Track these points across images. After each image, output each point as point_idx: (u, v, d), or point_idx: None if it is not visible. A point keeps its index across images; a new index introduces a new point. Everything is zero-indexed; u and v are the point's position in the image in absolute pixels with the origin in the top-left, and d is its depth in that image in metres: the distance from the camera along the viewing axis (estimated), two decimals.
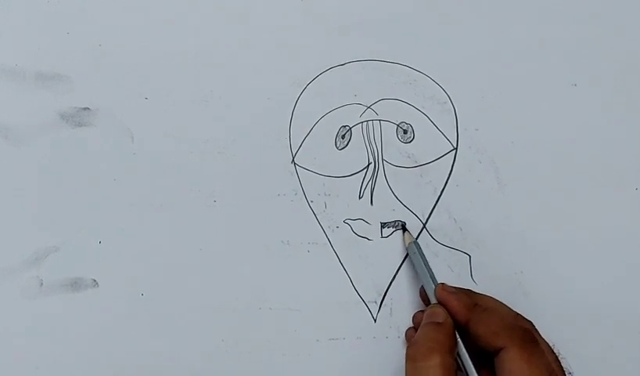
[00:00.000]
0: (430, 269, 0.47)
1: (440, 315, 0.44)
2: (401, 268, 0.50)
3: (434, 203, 0.50)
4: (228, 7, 0.50)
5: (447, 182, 0.50)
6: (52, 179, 0.49)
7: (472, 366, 0.43)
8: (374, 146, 0.50)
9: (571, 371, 0.49)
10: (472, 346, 0.43)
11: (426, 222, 0.50)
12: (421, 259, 0.48)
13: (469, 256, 0.50)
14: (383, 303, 0.50)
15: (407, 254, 0.50)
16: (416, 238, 0.50)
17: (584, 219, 0.50)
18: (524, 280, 0.50)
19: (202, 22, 0.50)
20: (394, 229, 0.50)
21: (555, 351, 0.44)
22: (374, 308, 0.50)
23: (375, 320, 0.50)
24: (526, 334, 0.42)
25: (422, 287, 0.48)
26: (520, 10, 0.51)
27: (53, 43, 0.50)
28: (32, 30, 0.50)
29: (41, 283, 0.49)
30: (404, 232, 0.50)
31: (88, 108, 0.50)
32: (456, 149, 0.50)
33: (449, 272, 0.50)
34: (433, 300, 0.46)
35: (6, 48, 0.50)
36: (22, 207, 0.49)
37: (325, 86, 0.50)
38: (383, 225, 0.50)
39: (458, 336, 0.44)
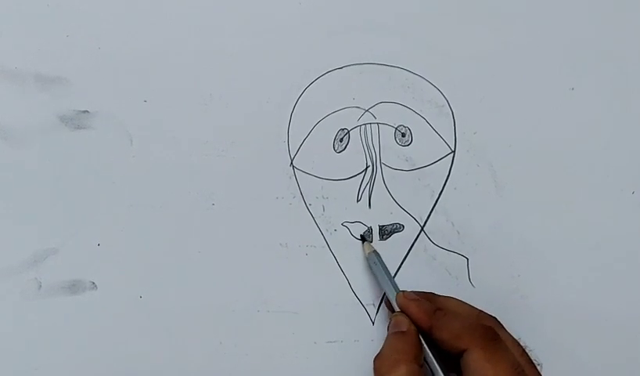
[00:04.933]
0: (392, 278, 0.48)
1: (404, 324, 0.44)
2: (399, 270, 0.50)
3: (432, 206, 0.50)
4: (226, 10, 0.50)
5: (445, 185, 0.50)
6: (51, 182, 0.49)
7: (440, 371, 0.43)
8: (372, 149, 0.50)
9: (540, 362, 0.49)
10: (439, 350, 0.44)
11: (424, 225, 0.50)
12: (382, 268, 0.48)
13: (467, 259, 0.50)
14: (381, 306, 0.50)
15: (405, 256, 0.50)
16: (414, 241, 0.50)
17: (581, 222, 0.50)
18: (522, 283, 0.50)
19: (201, 25, 0.50)
20: (392, 232, 0.50)
21: (522, 343, 0.44)
22: (372, 310, 0.50)
23: (373, 323, 0.50)
24: (487, 333, 0.42)
25: (386, 295, 0.48)
26: (518, 14, 0.51)
27: (53, 45, 0.50)
28: (32, 32, 0.50)
29: (40, 285, 0.49)
30: (363, 242, 0.50)
31: (87, 111, 0.50)
32: (454, 152, 0.50)
33: (447, 275, 0.50)
34: (396, 308, 0.46)
35: (6, 50, 0.50)
36: (21, 209, 0.49)
37: (324, 89, 0.50)
38: (381, 228, 0.50)
39: (423, 342, 0.44)
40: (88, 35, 0.50)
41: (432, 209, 0.50)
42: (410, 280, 0.49)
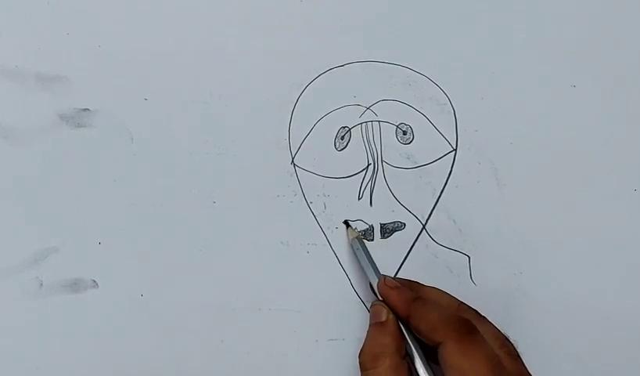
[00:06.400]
0: (375, 265, 0.47)
1: (383, 313, 0.44)
2: (401, 268, 0.50)
3: (434, 204, 0.50)
4: (227, 8, 0.50)
5: (446, 183, 0.50)
6: (51, 180, 0.49)
7: (420, 362, 0.43)
8: (373, 147, 0.50)
9: (521, 351, 0.48)
10: (420, 340, 0.43)
11: (426, 223, 0.50)
12: (365, 255, 0.48)
13: (469, 257, 0.50)
14: None
15: (407, 255, 0.50)
16: (415, 240, 0.50)
17: (583, 220, 0.50)
18: (523, 280, 0.50)
19: (202, 23, 0.50)
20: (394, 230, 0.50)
21: (503, 333, 0.44)
22: None
23: None
24: (463, 326, 0.42)
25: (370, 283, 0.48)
26: (520, 11, 0.51)
27: (53, 44, 0.50)
28: (32, 31, 0.50)
29: (41, 284, 0.49)
30: (347, 227, 0.50)
31: (88, 109, 0.50)
32: (455, 150, 0.50)
33: (448, 273, 0.50)
34: (378, 296, 0.46)
35: (6, 49, 0.50)
36: (22, 208, 0.49)
37: (325, 87, 0.50)
38: (383, 226, 0.50)
39: (405, 332, 0.44)
40: (89, 34, 0.50)
41: (433, 207, 0.50)
42: (411, 278, 0.49)
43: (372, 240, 0.50)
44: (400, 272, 0.50)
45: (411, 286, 0.46)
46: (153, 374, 0.49)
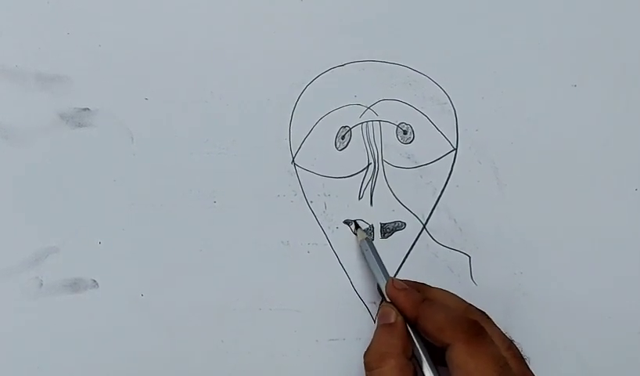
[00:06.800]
0: (383, 266, 0.47)
1: (391, 315, 0.44)
2: (401, 268, 0.50)
3: (434, 203, 0.50)
4: (227, 8, 0.50)
5: (447, 183, 0.50)
6: (52, 180, 0.49)
7: (427, 363, 0.43)
8: (374, 147, 0.50)
9: (528, 356, 0.48)
10: (427, 342, 0.43)
11: (426, 223, 0.50)
12: (373, 256, 0.48)
13: (469, 257, 0.50)
14: None
15: (407, 254, 0.50)
16: (416, 239, 0.50)
17: (584, 220, 0.50)
18: (524, 280, 0.50)
19: (202, 22, 0.50)
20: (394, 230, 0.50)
21: (510, 337, 0.44)
22: (374, 309, 0.50)
23: (374, 321, 0.50)
24: (471, 328, 0.42)
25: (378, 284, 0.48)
26: (520, 10, 0.51)
27: (53, 44, 0.50)
28: (32, 30, 0.50)
29: (41, 284, 0.49)
30: (356, 228, 0.50)
31: (88, 109, 0.50)
32: (456, 149, 0.50)
33: (449, 272, 0.50)
34: (386, 298, 0.46)
35: (6, 48, 0.50)
36: (22, 208, 0.49)
37: (325, 87, 0.50)
38: (383, 226, 0.50)
39: (412, 333, 0.44)
40: (89, 33, 0.50)
41: (434, 207, 0.50)
42: (412, 278, 0.49)
43: (373, 239, 0.50)
44: (400, 271, 0.50)
45: (419, 287, 0.46)
46: (153, 374, 0.49)
